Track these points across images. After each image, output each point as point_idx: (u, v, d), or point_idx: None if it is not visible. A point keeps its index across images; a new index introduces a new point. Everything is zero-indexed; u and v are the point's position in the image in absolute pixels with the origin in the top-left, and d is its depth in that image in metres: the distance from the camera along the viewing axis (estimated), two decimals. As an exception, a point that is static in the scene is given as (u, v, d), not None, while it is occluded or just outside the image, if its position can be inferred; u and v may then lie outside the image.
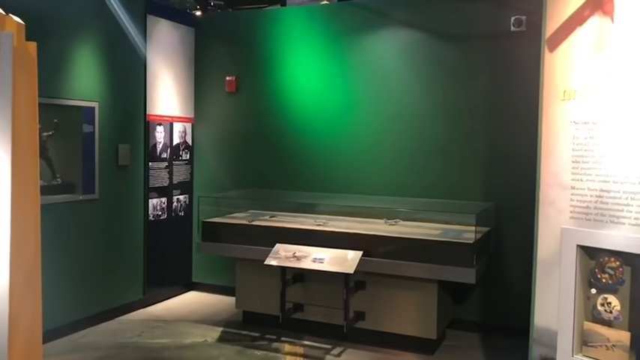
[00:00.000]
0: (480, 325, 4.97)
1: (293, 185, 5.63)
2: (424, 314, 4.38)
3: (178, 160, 5.88)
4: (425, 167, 5.11)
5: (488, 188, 4.92)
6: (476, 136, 4.94)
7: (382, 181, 5.28)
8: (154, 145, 5.55)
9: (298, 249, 4.48)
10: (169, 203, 5.76)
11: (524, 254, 4.80)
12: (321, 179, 5.52)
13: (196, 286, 6.14)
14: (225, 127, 5.97)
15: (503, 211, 4.86)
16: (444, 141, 5.05)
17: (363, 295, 4.54)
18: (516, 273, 4.82)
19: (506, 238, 4.87)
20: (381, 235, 4.44)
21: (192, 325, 5.04)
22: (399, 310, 4.45)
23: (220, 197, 5.50)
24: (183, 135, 5.94)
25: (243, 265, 4.96)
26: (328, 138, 5.48)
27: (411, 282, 4.35)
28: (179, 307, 5.55)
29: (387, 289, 4.47)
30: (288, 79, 5.67)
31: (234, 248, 4.84)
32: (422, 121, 5.12)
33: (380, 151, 5.28)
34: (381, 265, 4.33)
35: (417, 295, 4.39)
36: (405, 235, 4.40)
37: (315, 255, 4.39)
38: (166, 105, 5.69)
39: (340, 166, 5.44)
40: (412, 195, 5.13)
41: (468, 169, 4.97)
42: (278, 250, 4.52)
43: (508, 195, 4.84)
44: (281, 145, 5.69)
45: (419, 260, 4.23)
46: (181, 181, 5.92)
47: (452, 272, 4.13)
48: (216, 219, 5.11)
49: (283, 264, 4.39)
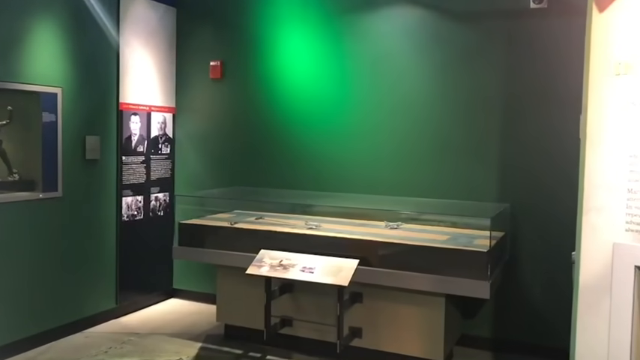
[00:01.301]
0: (492, 341, 4.39)
1: (284, 183, 5.06)
2: (429, 332, 3.82)
3: (157, 154, 5.30)
4: (431, 164, 4.54)
5: (502, 187, 4.34)
6: (489, 128, 4.36)
7: (382, 180, 4.70)
8: (129, 137, 4.98)
9: (285, 256, 3.91)
10: (146, 202, 5.20)
11: (542, 262, 4.25)
12: (314, 176, 4.95)
13: (177, 294, 5.58)
14: (209, 117, 5.40)
15: (518, 214, 4.28)
16: (452, 134, 4.47)
17: (359, 309, 3.97)
18: (533, 283, 4.26)
19: (522, 243, 4.29)
20: (380, 241, 3.86)
21: (167, 339, 4.48)
22: (400, 327, 3.88)
23: (200, 196, 4.93)
24: (163, 126, 5.37)
25: (224, 273, 4.39)
26: (323, 130, 4.91)
27: (414, 295, 3.78)
28: (156, 318, 4.99)
29: (386, 302, 3.90)
30: (278, 65, 5.09)
31: (214, 254, 4.27)
32: (427, 111, 4.54)
33: (380, 145, 4.71)
34: (380, 275, 3.75)
35: (421, 310, 3.82)
36: (407, 242, 3.82)
37: (304, 263, 3.82)
38: (143, 93, 5.11)
39: (336, 162, 4.86)
40: (416, 195, 4.56)
41: (480, 165, 4.39)
42: (262, 258, 3.95)
43: (525, 195, 4.26)
44: (271, 138, 5.12)
45: (424, 271, 3.65)
46: (160, 178, 5.35)
47: (462, 285, 3.56)
48: (194, 220, 4.54)
49: (267, 274, 3.82)
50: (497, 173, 4.35)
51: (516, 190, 4.29)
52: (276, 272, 3.81)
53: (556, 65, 4.12)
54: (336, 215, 4.61)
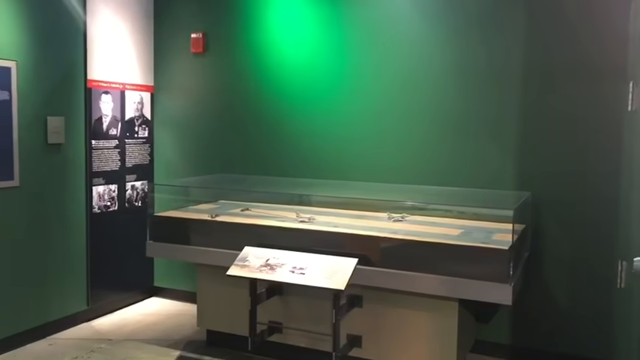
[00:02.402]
0: (509, 349, 3.87)
1: (275, 170, 4.51)
2: (440, 341, 3.29)
3: (133, 137, 4.75)
4: (440, 147, 3.98)
5: (521, 173, 3.78)
6: (507, 106, 3.79)
7: (385, 165, 4.15)
8: (99, 118, 4.43)
9: (273, 254, 3.38)
10: (122, 191, 4.65)
11: (567, 259, 3.70)
12: (308, 162, 4.40)
13: (159, 292, 5.06)
14: (192, 97, 4.84)
15: (540, 204, 3.73)
16: (465, 113, 3.91)
17: (358, 315, 3.44)
18: (557, 284, 3.73)
19: (545, 238, 3.74)
20: (382, 236, 3.31)
21: (142, 346, 3.96)
22: (406, 335, 3.35)
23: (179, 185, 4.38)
24: (140, 107, 4.81)
25: (205, 272, 3.86)
26: (318, 110, 4.35)
27: (422, 299, 3.25)
28: (132, 321, 4.47)
29: (390, 307, 3.37)
30: (267, 36, 4.52)
31: (192, 251, 3.73)
32: (437, 87, 3.98)
33: (383, 125, 4.15)
34: (382, 276, 3.21)
35: (430, 316, 3.29)
36: (414, 237, 3.28)
37: (294, 263, 3.29)
38: (115, 69, 4.55)
39: (332, 146, 4.31)
40: (424, 182, 4.01)
41: (496, 148, 3.83)
42: (246, 256, 3.41)
43: (548, 182, 3.71)
44: (260, 119, 4.56)
45: (434, 271, 3.11)
46: (138, 164, 4.81)
47: (479, 289, 3.01)
48: (170, 213, 4.00)
49: (251, 275, 3.28)
50: (516, 157, 3.79)
51: (538, 177, 3.74)
52: (261, 273, 3.27)
53: (587, 30, 3.55)
54: (332, 206, 4.07)
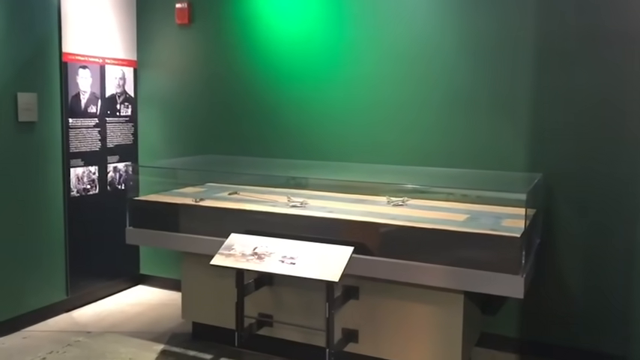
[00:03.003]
0: (518, 342, 3.59)
1: (266, 150, 4.21)
2: (444, 336, 3.01)
3: (115, 116, 4.44)
4: (445, 125, 3.67)
5: (533, 153, 3.47)
6: (519, 83, 3.47)
7: (385, 145, 3.84)
8: (77, 95, 4.11)
9: (261, 242, 3.09)
10: (103, 174, 4.35)
11: (581, 246, 3.40)
12: (302, 142, 4.09)
13: (145, 280, 4.78)
14: (178, 72, 4.51)
15: (553, 186, 3.43)
16: (472, 88, 3.59)
17: (355, 307, 3.16)
18: (570, 273, 3.44)
19: (558, 224, 3.45)
20: (381, 222, 3.01)
21: (122, 339, 3.69)
22: (406, 330, 3.08)
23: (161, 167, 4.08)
24: (122, 83, 4.49)
25: (190, 261, 3.58)
26: (313, 86, 4.03)
27: (424, 291, 2.97)
28: (114, 311, 4.20)
29: (389, 299, 3.09)
30: (258, 7, 4.18)
31: (175, 238, 3.43)
32: (442, 59, 3.65)
33: (383, 102, 3.83)
34: (380, 266, 2.92)
35: (433, 310, 3.01)
36: (416, 224, 2.98)
37: (284, 252, 2.99)
38: (94, 42, 4.22)
39: (328, 124, 4.00)
40: (427, 163, 3.71)
41: (506, 126, 3.52)
42: (232, 244, 3.12)
43: (562, 163, 3.41)
44: (251, 96, 4.25)
45: (437, 261, 2.82)
46: (120, 145, 4.50)
47: (488, 281, 2.72)
48: (150, 197, 3.70)
49: (237, 265, 2.99)
50: (527, 136, 3.48)
51: (551, 157, 3.43)
52: (248, 263, 2.98)
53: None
54: (327, 189, 3.77)
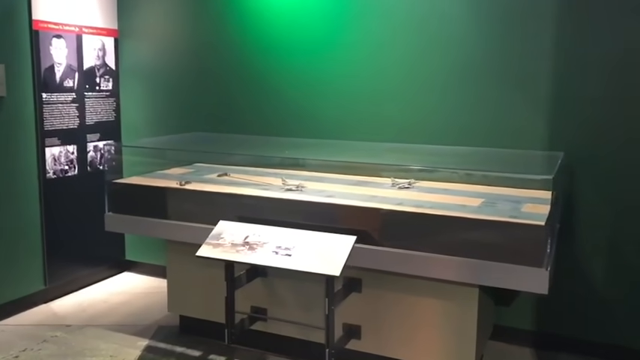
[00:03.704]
0: (534, 335, 3.32)
1: (260, 127, 3.87)
2: (455, 333, 2.72)
3: (94, 90, 4.08)
4: (454, 98, 3.33)
5: (553, 129, 3.15)
6: (537, 51, 3.12)
7: (389, 120, 3.51)
8: (51, 67, 3.75)
9: (253, 230, 2.77)
10: (82, 153, 4.02)
11: (604, 233, 3.10)
12: (298, 118, 3.75)
13: (131, 267, 4.49)
14: (163, 43, 4.14)
15: (575, 166, 3.12)
16: (483, 56, 3.25)
17: (357, 302, 2.86)
18: (592, 260, 3.14)
19: (579, 207, 3.14)
20: (385, 208, 2.69)
21: (104, 334, 3.40)
22: (413, 327, 2.78)
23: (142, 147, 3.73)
24: (102, 54, 4.12)
25: (175, 250, 3.27)
26: (312, 57, 3.68)
27: (434, 284, 2.67)
28: (97, 301, 3.90)
29: (394, 292, 2.79)
30: (248, -32, 3.81)
31: (158, 225, 3.11)
32: (453, 29, 3.30)
33: (386, 73, 3.49)
34: (385, 257, 2.61)
35: (444, 305, 2.71)
36: (424, 209, 2.66)
37: (278, 241, 2.68)
38: (68, 8, 3.84)
39: (327, 98, 3.66)
40: (435, 141, 3.38)
41: (522, 99, 3.19)
42: (221, 233, 2.80)
43: (585, 140, 3.09)
44: (243, 68, 3.89)
45: (449, 252, 2.51)
46: (101, 122, 4.15)
47: (507, 275, 2.41)
48: (132, 179, 3.37)
49: (226, 257, 2.67)
50: (546, 110, 3.15)
51: (573, 134, 3.11)
52: (238, 254, 2.67)
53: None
54: (326, 170, 3.44)
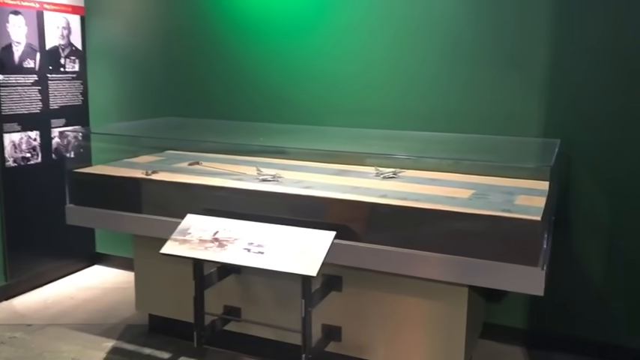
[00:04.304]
0: (525, 334, 3.13)
1: (236, 112, 3.63)
2: (443, 335, 2.52)
3: (59, 72, 3.81)
4: (444, 81, 3.11)
5: (549, 115, 2.94)
6: (533, 30, 2.90)
7: (374, 105, 3.28)
8: (8, 46, 3.47)
9: (223, 225, 2.53)
10: (46, 140, 3.75)
11: (603, 226, 2.90)
12: (277, 103, 3.51)
13: (102, 260, 4.25)
14: (134, 21, 3.87)
15: (572, 154, 2.91)
16: (478, 39, 3.02)
17: (337, 301, 2.65)
18: (589, 255, 2.95)
19: (576, 198, 2.94)
20: (366, 201, 2.47)
21: (67, 334, 3.16)
22: (397, 328, 2.58)
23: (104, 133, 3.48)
24: (66, 33, 3.83)
25: (143, 244, 3.03)
26: (289, 37, 3.43)
27: (420, 282, 2.46)
28: (62, 298, 3.67)
29: (377, 291, 2.59)
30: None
31: (122, 219, 2.87)
32: (441, 6, 3.06)
33: (371, 53, 3.26)
34: (366, 255, 2.39)
35: (430, 304, 2.51)
36: (409, 202, 2.44)
37: (250, 237, 2.45)
38: (28, -18, 3.56)
39: (307, 81, 3.42)
40: (423, 127, 3.16)
41: (517, 82, 2.97)
42: (188, 228, 2.57)
43: (584, 127, 2.88)
44: (220, 50, 3.64)
45: (437, 249, 2.29)
46: (66, 106, 3.88)
47: (499, 274, 2.21)
48: (94, 168, 3.12)
49: (193, 254, 2.44)
50: (542, 95, 2.93)
51: (571, 119, 2.89)
52: (206, 252, 2.43)
53: None
54: (305, 158, 3.21)
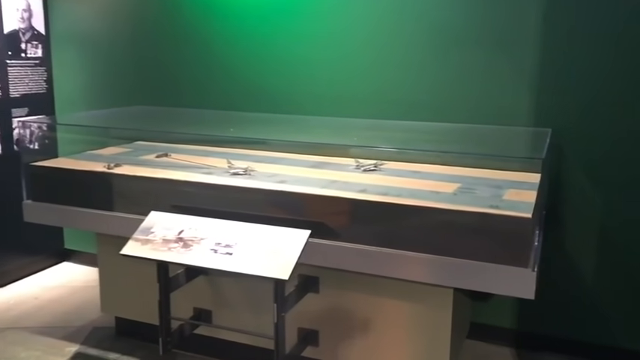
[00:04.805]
0: (514, 334, 2.98)
1: (209, 100, 3.43)
2: (427, 339, 2.35)
3: (19, 58, 3.57)
4: (428, 65, 2.92)
5: (539, 102, 2.76)
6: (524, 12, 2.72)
7: (354, 92, 3.09)
8: (-39, 30, 3.23)
9: (189, 224, 2.34)
10: (6, 130, 3.52)
11: (595, 221, 2.73)
12: (252, 91, 3.31)
13: (71, 256, 4.04)
14: (102, 5, 3.63)
15: (564, 145, 2.74)
16: (466, 23, 2.83)
17: (314, 303, 2.47)
18: (579, 253, 2.80)
19: (567, 192, 2.78)
20: (344, 197, 2.28)
21: (28, 337, 2.97)
22: (378, 331, 2.41)
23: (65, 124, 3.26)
24: (27, 16, 3.59)
25: (107, 242, 2.83)
26: (264, 19, 3.22)
27: (401, 283, 2.28)
28: (26, 298, 3.46)
29: (356, 293, 2.41)
30: None
31: (82, 216, 2.66)
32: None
33: (351, 36, 3.06)
34: (344, 254, 2.21)
35: (413, 306, 2.34)
36: (390, 198, 2.25)
37: (218, 237, 2.26)
38: (-16, -40, 3.31)
39: (285, 69, 3.23)
40: (406, 116, 2.97)
41: (505, 68, 2.79)
42: (152, 226, 2.36)
43: (577, 115, 2.71)
44: (192, 33, 3.42)
45: (419, 248, 2.11)
46: (29, 94, 3.65)
47: (487, 276, 2.04)
48: (54, 162, 2.89)
49: (154, 256, 2.24)
50: (532, 81, 2.75)
51: (563, 107, 2.72)
52: (169, 252, 2.23)
53: None
54: (280, 150, 3.02)
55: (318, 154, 2.93)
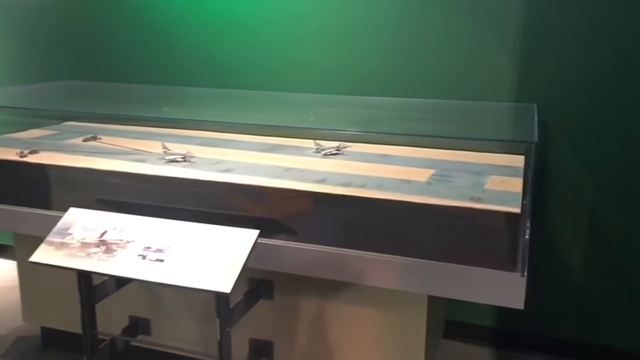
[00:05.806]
0: (493, 333, 2.71)
1: (148, 74, 3.01)
2: (398, 348, 2.04)
3: None
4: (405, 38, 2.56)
5: (524, 73, 2.44)
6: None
7: (317, 66, 2.72)
8: None
9: (114, 223, 1.95)
10: None
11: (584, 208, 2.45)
12: (197, 62, 2.91)
13: (5, 253, 3.61)
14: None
15: (550, 122, 2.43)
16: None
17: (268, 311, 2.13)
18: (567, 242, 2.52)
19: (553, 175, 2.47)
20: (298, 189, 1.91)
21: (-60, 354, 2.57)
22: (341, 341, 2.09)
23: None
24: None
25: (26, 243, 2.41)
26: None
27: (368, 289, 1.95)
28: (-55, 303, 3.05)
29: (315, 299, 2.08)
30: None
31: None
32: None
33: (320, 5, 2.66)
34: (300, 257, 1.86)
35: (382, 313, 2.02)
36: (354, 189, 1.90)
37: (148, 240, 1.88)
38: None
39: (234, 37, 2.82)
40: (374, 91, 2.62)
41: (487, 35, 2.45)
42: (70, 226, 1.97)
43: (564, 88, 2.40)
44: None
45: (388, 249, 1.78)
46: (-60, 68, 3.17)
47: (467, 282, 1.72)
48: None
49: (70, 263, 1.86)
50: (515, 51, 2.42)
51: (550, 80, 2.40)
52: (88, 259, 1.85)
53: None
54: (227, 130, 2.63)
55: (271, 135, 2.56)
